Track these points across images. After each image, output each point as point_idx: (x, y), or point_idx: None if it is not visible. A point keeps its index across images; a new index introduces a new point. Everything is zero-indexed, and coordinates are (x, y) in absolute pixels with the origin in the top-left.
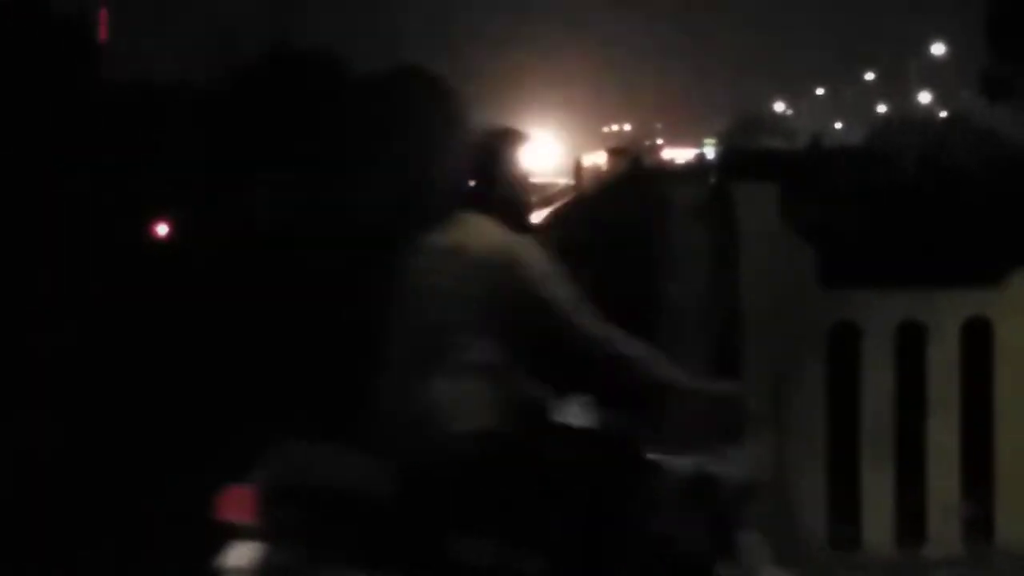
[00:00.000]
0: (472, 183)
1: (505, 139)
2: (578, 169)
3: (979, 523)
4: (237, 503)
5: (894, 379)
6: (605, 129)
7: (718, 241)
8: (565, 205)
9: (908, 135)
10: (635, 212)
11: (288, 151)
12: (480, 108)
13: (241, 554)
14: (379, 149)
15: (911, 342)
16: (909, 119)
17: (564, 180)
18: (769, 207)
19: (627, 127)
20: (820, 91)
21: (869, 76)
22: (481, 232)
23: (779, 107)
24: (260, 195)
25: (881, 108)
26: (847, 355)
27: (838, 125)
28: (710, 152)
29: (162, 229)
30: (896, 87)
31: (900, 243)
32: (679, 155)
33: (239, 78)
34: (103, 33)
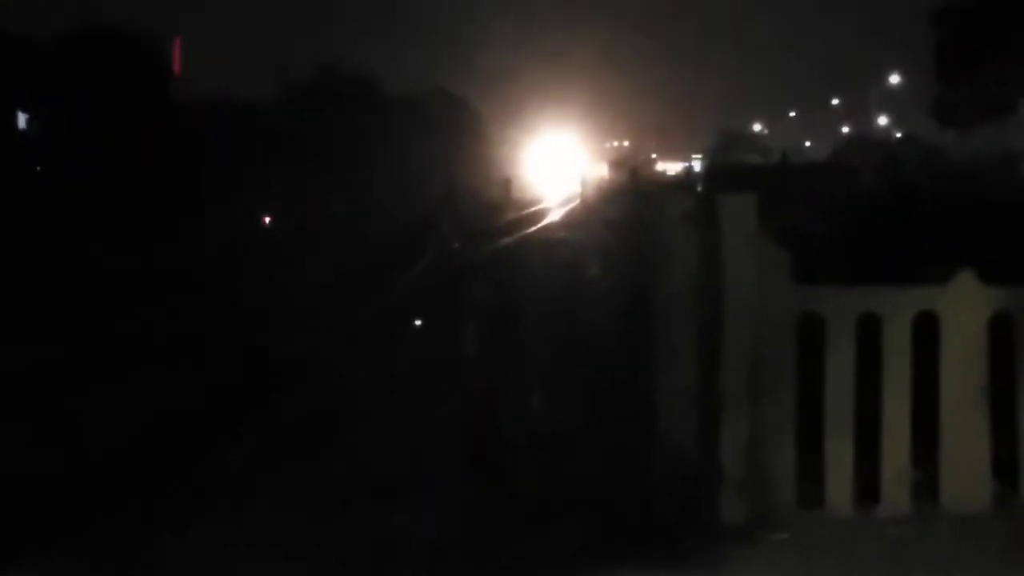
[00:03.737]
0: None
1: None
2: (584, 178)
3: (925, 487)
4: None
5: (853, 362)
6: (607, 145)
7: (706, 238)
8: (573, 208)
9: (866, 152)
10: (636, 213)
11: (336, 162)
12: (501, 123)
13: None
14: (410, 158)
15: (870, 331)
16: (868, 138)
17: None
18: (749, 215)
19: (626, 143)
20: (792, 113)
21: (835, 101)
22: None
23: (757, 127)
24: (314, 190)
25: (845, 129)
26: (814, 341)
27: (807, 143)
28: (697, 166)
29: (267, 219)
30: (858, 110)
31: (860, 245)
32: (670, 168)
33: (296, 99)
34: (176, 65)
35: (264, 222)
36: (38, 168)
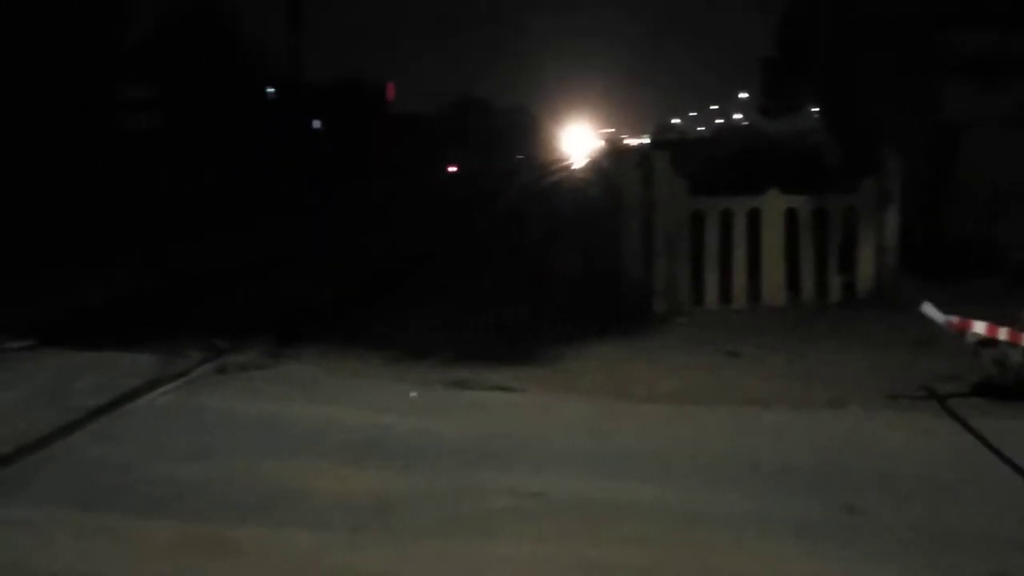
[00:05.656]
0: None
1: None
2: (590, 148)
3: (754, 293)
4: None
5: (719, 235)
6: (601, 130)
7: (646, 175)
8: (586, 163)
9: (729, 132)
10: (614, 165)
11: (470, 141)
12: (549, 121)
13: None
14: (505, 141)
15: (727, 219)
16: (729, 125)
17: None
18: (667, 161)
19: (610, 129)
20: (692, 113)
21: (713, 107)
22: None
23: (675, 120)
24: (463, 156)
25: (719, 120)
26: (699, 224)
27: (700, 128)
28: (646, 139)
29: (452, 168)
30: (725, 111)
31: (723, 176)
32: (633, 141)
33: (452, 111)
34: (390, 95)
35: (448, 171)
36: (322, 147)
